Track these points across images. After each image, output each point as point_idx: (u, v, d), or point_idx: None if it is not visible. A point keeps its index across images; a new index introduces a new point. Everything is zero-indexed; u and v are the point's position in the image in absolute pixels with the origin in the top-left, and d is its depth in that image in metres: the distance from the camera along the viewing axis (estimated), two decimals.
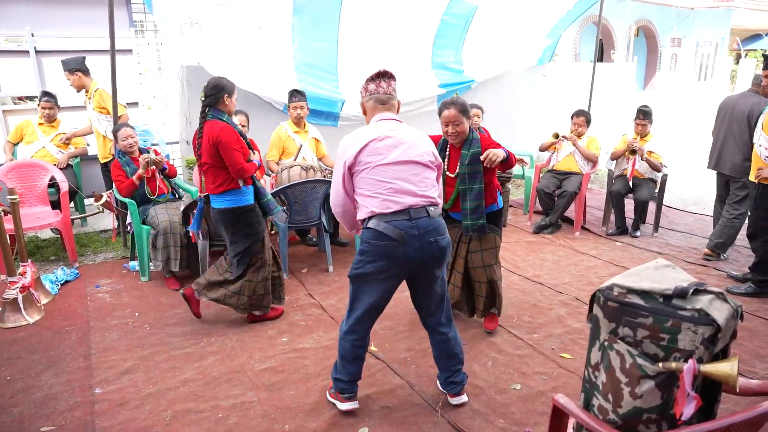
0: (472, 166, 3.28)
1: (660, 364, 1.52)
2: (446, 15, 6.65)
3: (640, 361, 1.54)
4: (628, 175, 5.55)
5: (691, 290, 1.53)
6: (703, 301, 1.53)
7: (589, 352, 1.70)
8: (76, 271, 4.65)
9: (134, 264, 4.71)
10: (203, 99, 3.45)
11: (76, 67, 5.10)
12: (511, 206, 6.77)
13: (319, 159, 5.38)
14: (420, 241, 2.52)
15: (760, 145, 3.99)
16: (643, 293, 1.57)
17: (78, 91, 5.30)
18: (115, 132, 4.58)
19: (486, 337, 3.58)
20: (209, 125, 3.41)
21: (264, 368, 3.26)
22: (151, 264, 4.52)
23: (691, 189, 7.78)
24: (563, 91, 8.31)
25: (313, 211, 4.51)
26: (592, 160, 5.76)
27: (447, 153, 3.47)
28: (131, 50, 6.06)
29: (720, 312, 1.51)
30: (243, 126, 4.86)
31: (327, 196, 4.77)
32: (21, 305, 3.79)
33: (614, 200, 5.63)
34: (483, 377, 3.12)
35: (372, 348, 3.44)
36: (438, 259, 2.59)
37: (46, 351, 3.44)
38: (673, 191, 7.66)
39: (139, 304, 4.13)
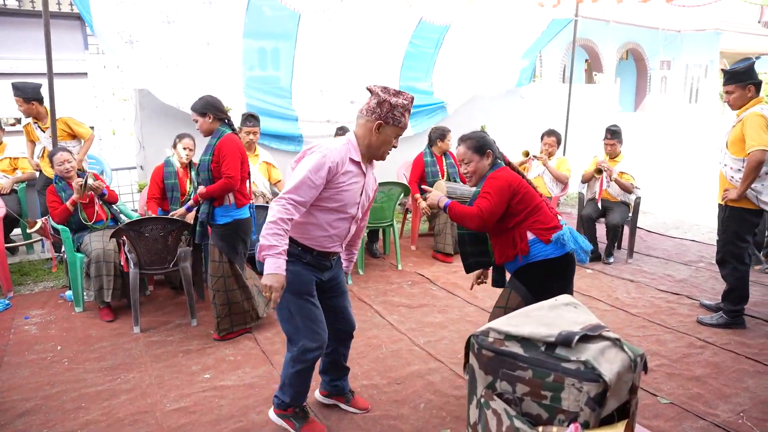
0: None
1: (540, 429, 1.24)
2: (415, 38, 6.50)
3: (518, 423, 1.26)
4: (597, 197, 5.29)
5: (578, 337, 1.25)
6: (591, 351, 1.25)
7: (468, 410, 1.41)
8: (7, 302, 4.38)
9: (70, 294, 4.44)
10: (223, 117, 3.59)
11: (34, 96, 4.92)
12: None
13: (274, 184, 5.14)
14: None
15: (725, 165, 3.74)
16: (523, 340, 1.29)
17: (27, 117, 5.11)
18: (50, 156, 4.36)
19: (424, 375, 3.27)
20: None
21: (175, 408, 2.97)
22: (85, 294, 4.24)
23: (673, 212, 7.50)
24: (542, 113, 8.10)
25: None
26: (563, 182, 5.51)
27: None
28: (86, 73, 5.87)
29: (611, 364, 1.23)
30: (190, 150, 4.62)
31: None
32: None
33: (585, 224, 5.36)
34: (410, 421, 2.81)
35: None
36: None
37: None
38: (655, 214, 7.39)
39: (64, 337, 3.85)
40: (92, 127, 5.56)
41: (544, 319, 1.36)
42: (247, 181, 3.70)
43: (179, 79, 5.27)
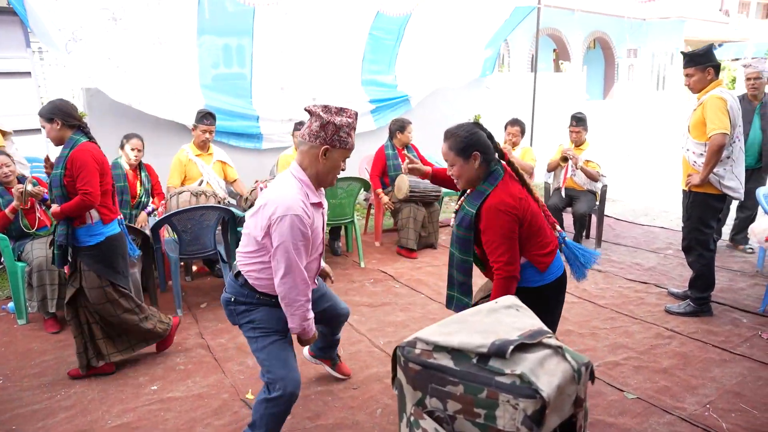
0: (461, 230, 2.32)
1: None
2: (374, 29, 6.33)
3: None
4: (561, 185, 5.20)
5: (512, 347, 1.11)
6: (529, 362, 1.10)
7: (399, 429, 1.26)
8: None
9: (12, 305, 4.17)
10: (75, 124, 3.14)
11: None
12: (446, 225, 6.39)
13: (231, 183, 4.93)
14: None
15: (688, 150, 3.66)
16: (453, 351, 1.14)
17: None
18: None
19: (382, 378, 3.13)
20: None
21: (117, 425, 2.77)
22: (28, 305, 3.99)
23: (642, 199, 7.48)
24: (508, 103, 8.01)
25: (206, 240, 4.05)
26: (528, 172, 5.40)
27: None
28: (29, 72, 5.56)
29: (550, 377, 1.09)
30: (138, 150, 4.39)
31: (222, 224, 4.32)
32: None
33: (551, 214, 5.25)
34: (366, 428, 2.66)
35: (248, 395, 2.99)
36: None
37: None
38: (624, 201, 7.36)
39: (3, 353, 3.60)
40: (36, 129, 5.29)
41: (479, 325, 1.21)
42: (113, 193, 3.28)
43: (131, 79, 5.02)
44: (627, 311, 3.90)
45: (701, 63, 3.53)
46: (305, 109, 2.20)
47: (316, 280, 2.54)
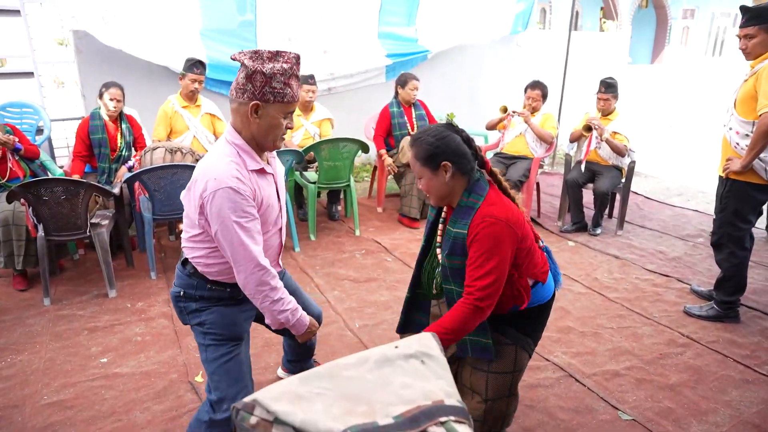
0: (455, 259, 1.84)
1: None
2: None
3: None
4: (582, 158, 4.67)
5: None
6: None
7: None
8: None
9: None
10: None
11: None
12: None
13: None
14: None
15: (731, 129, 3.10)
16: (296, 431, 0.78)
17: None
18: None
19: None
20: None
21: (51, 402, 2.55)
22: None
23: (677, 177, 6.82)
24: (542, 63, 7.35)
25: (181, 201, 3.73)
26: (547, 142, 4.88)
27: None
28: (18, 11, 5.24)
29: None
30: (118, 101, 4.05)
31: None
32: None
33: (570, 190, 4.76)
34: None
35: (197, 378, 2.73)
36: None
37: None
38: (658, 178, 6.73)
39: None
40: (28, 73, 5.03)
41: (353, 386, 0.83)
42: None
43: (123, 22, 4.67)
44: (640, 309, 3.45)
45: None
46: (231, 58, 1.79)
47: (283, 278, 2.20)
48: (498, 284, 1.73)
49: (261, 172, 1.86)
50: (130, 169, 4.17)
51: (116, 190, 3.75)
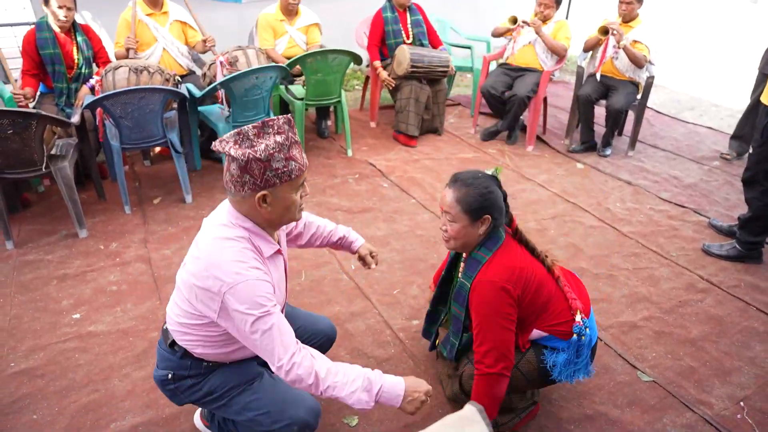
0: (455, 305, 1.91)
1: None
2: None
3: None
4: (595, 69, 4.24)
5: None
6: None
7: None
8: None
9: None
10: None
11: None
12: (456, 104, 5.52)
13: (193, 47, 4.05)
14: None
15: None
16: None
17: None
18: None
19: (343, 322, 2.59)
20: None
21: (19, 371, 2.31)
22: None
23: (690, 87, 6.37)
24: None
25: (151, 127, 3.32)
26: (560, 54, 4.40)
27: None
28: None
29: None
30: (68, 8, 3.45)
31: (168, 107, 3.52)
32: None
33: (581, 107, 4.36)
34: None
35: None
36: None
37: None
38: (669, 89, 6.28)
39: None
40: None
41: None
42: None
43: None
44: (656, 245, 3.22)
45: None
46: (213, 149, 1.43)
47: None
48: (501, 348, 1.72)
49: (275, 255, 1.58)
50: (92, 89, 3.65)
51: (76, 119, 3.28)
